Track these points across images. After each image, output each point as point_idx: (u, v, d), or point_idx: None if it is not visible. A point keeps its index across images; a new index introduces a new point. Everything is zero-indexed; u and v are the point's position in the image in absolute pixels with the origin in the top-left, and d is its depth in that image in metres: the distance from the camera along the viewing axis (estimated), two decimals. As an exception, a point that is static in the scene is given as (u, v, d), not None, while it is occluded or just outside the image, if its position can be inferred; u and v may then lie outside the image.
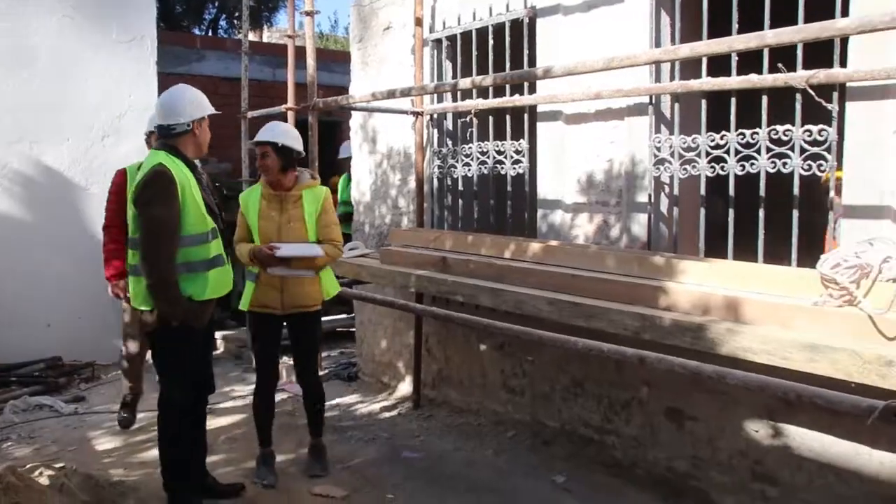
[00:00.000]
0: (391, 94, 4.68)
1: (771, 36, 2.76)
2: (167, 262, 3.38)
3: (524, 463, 4.39)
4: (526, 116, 4.67)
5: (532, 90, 4.62)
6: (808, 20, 3.02)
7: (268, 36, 17.39)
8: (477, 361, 5.14)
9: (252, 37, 10.02)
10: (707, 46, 3.02)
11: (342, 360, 6.85)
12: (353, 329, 6.60)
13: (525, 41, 4.60)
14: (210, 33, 15.05)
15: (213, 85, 9.46)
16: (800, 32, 2.72)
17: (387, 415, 5.37)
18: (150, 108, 6.69)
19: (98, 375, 6.19)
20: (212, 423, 5.03)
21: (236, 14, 14.75)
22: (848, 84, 3.20)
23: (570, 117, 4.50)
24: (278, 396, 5.38)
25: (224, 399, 5.48)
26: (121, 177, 4.78)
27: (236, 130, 6.90)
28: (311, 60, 5.04)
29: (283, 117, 5.83)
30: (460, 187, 5.26)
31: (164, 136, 3.55)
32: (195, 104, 3.57)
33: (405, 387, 5.72)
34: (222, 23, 15.81)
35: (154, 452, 4.19)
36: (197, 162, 3.70)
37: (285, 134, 4.13)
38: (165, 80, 7.28)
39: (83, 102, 6.47)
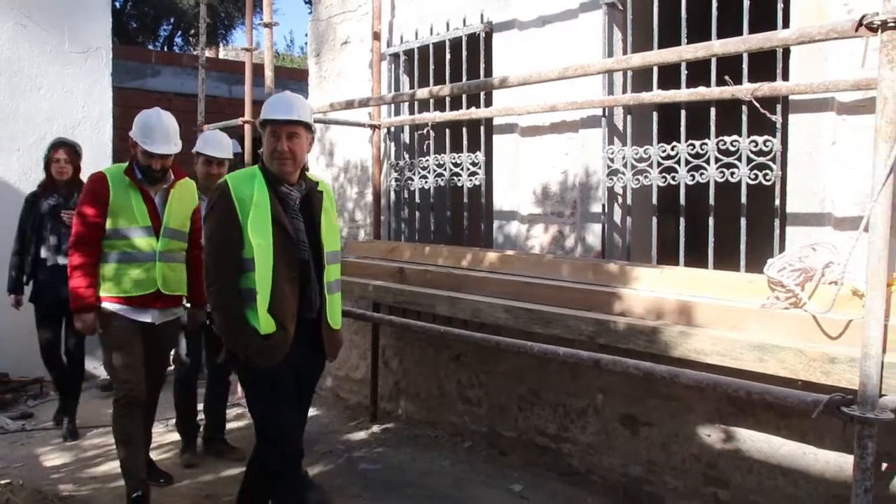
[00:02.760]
0: (349, 105, 4.71)
1: (718, 45, 2.88)
2: (221, 285, 3.04)
3: (481, 472, 4.40)
4: (482, 129, 4.73)
5: (488, 103, 4.70)
6: (752, 34, 3.15)
7: (223, 54, 17.31)
8: (433, 373, 5.15)
9: (208, 54, 9.96)
10: (658, 56, 3.13)
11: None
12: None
13: (481, 55, 4.67)
14: (165, 50, 14.93)
15: (167, 101, 9.36)
16: (745, 42, 2.85)
17: (343, 427, 5.33)
18: (104, 120, 6.63)
19: (46, 392, 6.03)
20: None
21: (192, 31, 14.68)
22: (790, 97, 3.34)
23: (526, 130, 4.58)
24: (232, 412, 5.33)
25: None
26: (100, 183, 3.82)
27: (191, 144, 6.82)
28: (269, 72, 5.03)
29: (240, 130, 5.82)
30: (417, 200, 5.29)
31: None
32: None
33: (362, 400, 5.69)
34: (177, 40, 15.74)
35: (104, 467, 4.11)
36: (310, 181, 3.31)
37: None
38: (119, 95, 7.22)
39: (35, 112, 6.36)
